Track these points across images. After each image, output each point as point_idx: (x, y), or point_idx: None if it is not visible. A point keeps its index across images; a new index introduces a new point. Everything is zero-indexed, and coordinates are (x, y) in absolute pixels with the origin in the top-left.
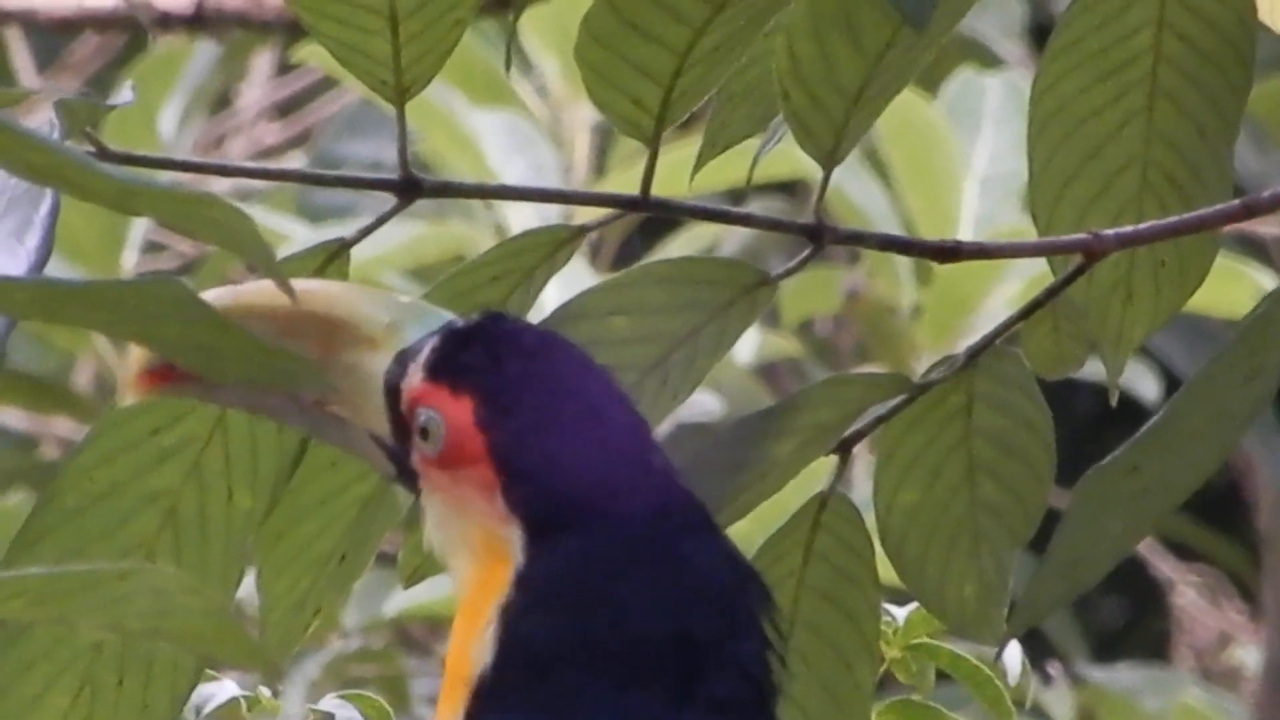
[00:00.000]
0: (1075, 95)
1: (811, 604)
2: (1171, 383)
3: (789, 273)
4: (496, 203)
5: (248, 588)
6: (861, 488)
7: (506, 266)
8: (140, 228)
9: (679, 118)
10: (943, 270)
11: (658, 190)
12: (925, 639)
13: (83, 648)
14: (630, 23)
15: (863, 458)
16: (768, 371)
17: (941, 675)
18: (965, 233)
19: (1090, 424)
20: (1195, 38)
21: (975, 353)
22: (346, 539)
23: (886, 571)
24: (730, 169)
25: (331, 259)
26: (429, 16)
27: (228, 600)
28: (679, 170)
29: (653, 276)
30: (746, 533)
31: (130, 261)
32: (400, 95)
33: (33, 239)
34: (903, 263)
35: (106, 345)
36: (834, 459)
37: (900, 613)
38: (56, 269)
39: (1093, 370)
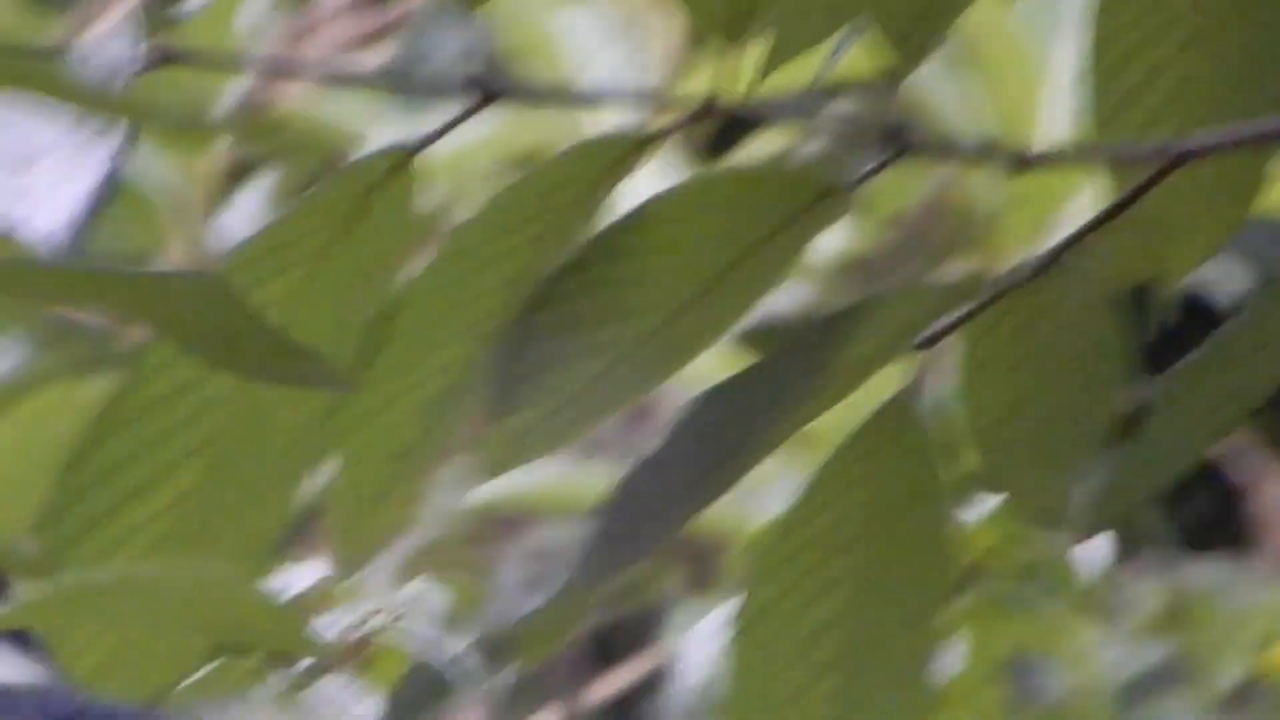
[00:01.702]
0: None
1: (889, 503)
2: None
3: (866, 177)
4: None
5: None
6: (940, 388)
7: (581, 169)
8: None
9: (759, 24)
10: (1029, 172)
11: (734, 91)
12: (1013, 533)
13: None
14: None
15: (943, 358)
16: (857, 266)
17: (1025, 570)
18: (1047, 137)
19: (1178, 324)
20: None
21: (1059, 251)
22: (420, 432)
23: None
24: (805, 69)
25: (395, 170)
26: None
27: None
28: (760, 66)
29: (732, 180)
30: (821, 433)
31: (222, 149)
32: None
33: (83, 180)
34: None
35: (198, 230)
36: (914, 359)
37: (984, 508)
38: (148, 157)
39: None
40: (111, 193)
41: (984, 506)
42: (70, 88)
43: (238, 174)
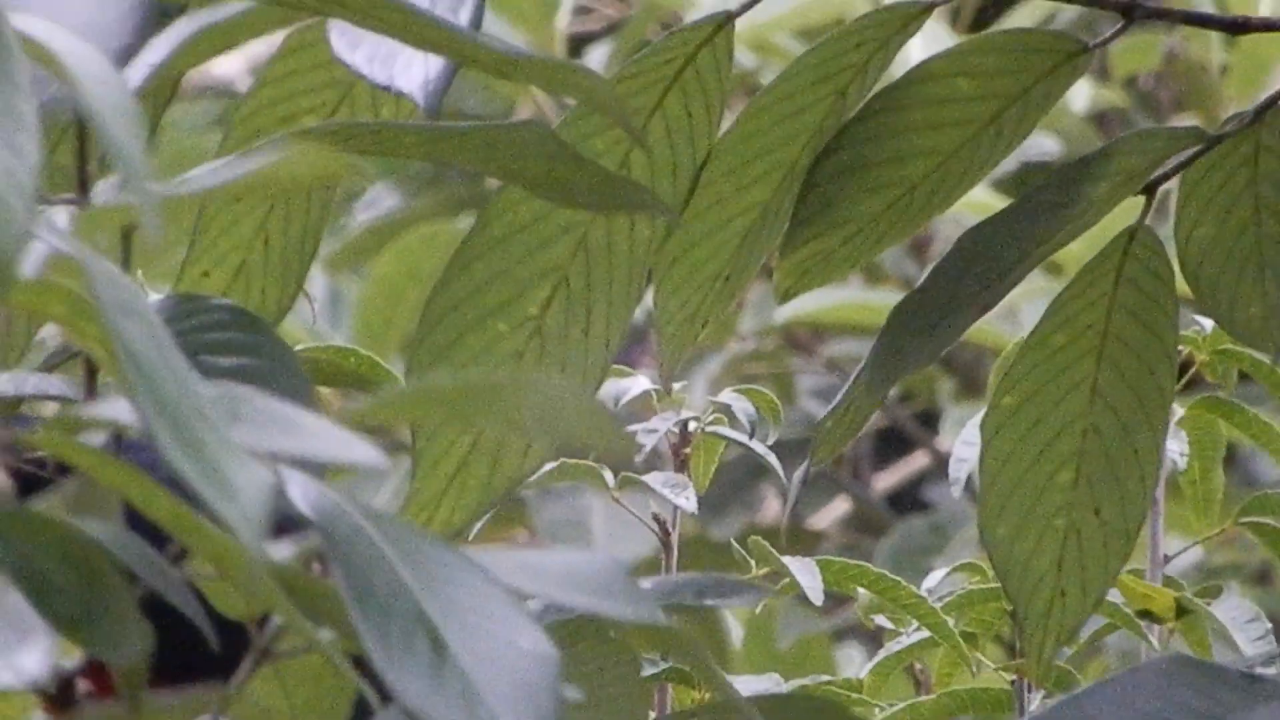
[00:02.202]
0: None
1: (1121, 320)
2: None
3: (1105, 42)
4: None
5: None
6: (1164, 224)
7: (867, 36)
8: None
9: None
10: (1245, 37)
11: None
12: (1228, 345)
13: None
14: None
15: (1167, 198)
16: (1100, 119)
17: (1242, 376)
18: (1263, 9)
19: None
20: None
21: (1262, 109)
22: (732, 261)
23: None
24: None
25: (719, 29)
26: None
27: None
28: None
29: (992, 44)
30: (1065, 261)
31: (563, 23)
32: None
33: (465, 14)
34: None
35: (542, 94)
36: (1142, 199)
37: (1208, 323)
38: (501, 31)
39: None
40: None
41: (1198, 322)
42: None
43: (577, 45)
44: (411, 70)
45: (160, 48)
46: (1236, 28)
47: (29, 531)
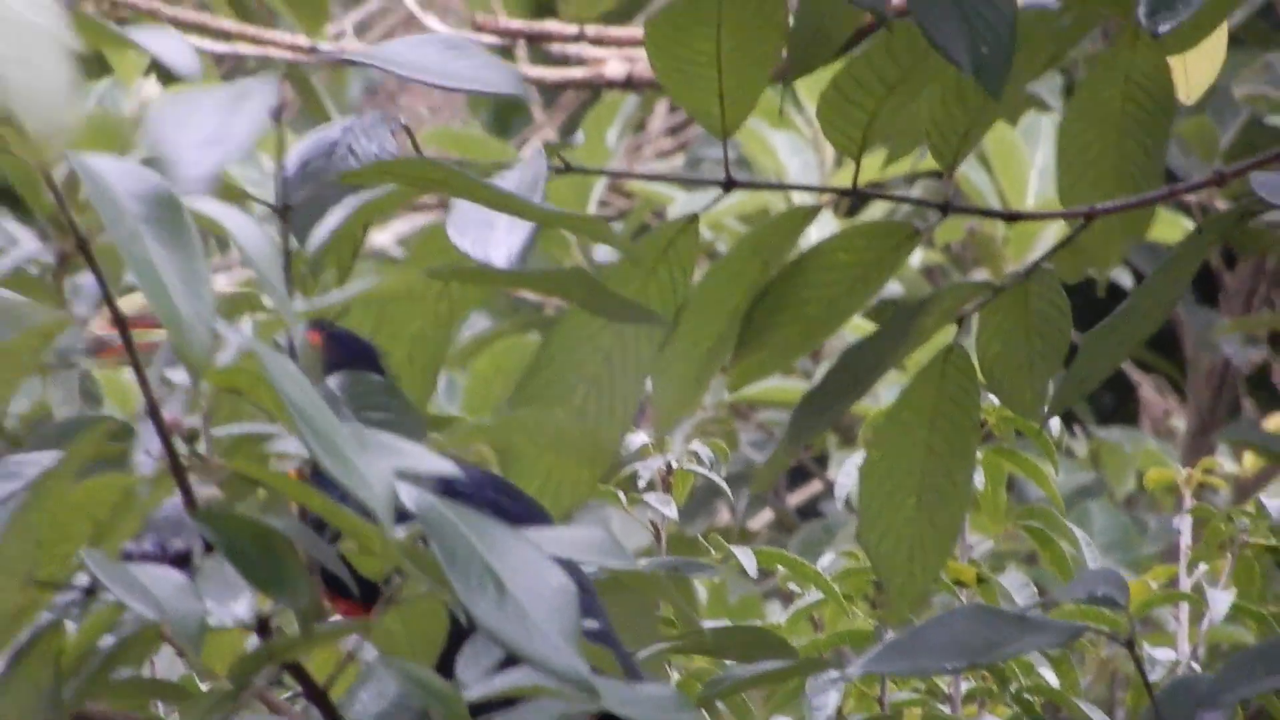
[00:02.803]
0: (1083, 129)
1: (944, 401)
2: (1139, 278)
3: (930, 229)
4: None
5: None
6: (968, 340)
7: (782, 225)
8: (597, 192)
9: (873, 144)
10: (1017, 224)
11: (862, 181)
12: (1008, 415)
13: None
14: (845, 95)
15: (971, 324)
16: (928, 272)
17: (1018, 433)
18: (1029, 205)
19: (1098, 301)
20: (1141, 99)
21: (1029, 270)
22: (701, 367)
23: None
24: (899, 167)
25: (690, 222)
26: (742, 75)
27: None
28: (876, 168)
29: (860, 230)
30: (908, 363)
31: (591, 209)
32: (724, 128)
33: (518, 236)
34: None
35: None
36: (955, 326)
37: (996, 400)
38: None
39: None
40: (539, 233)
41: (990, 400)
42: (471, 185)
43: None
44: (500, 249)
45: (336, 216)
46: (1012, 217)
47: (235, 525)
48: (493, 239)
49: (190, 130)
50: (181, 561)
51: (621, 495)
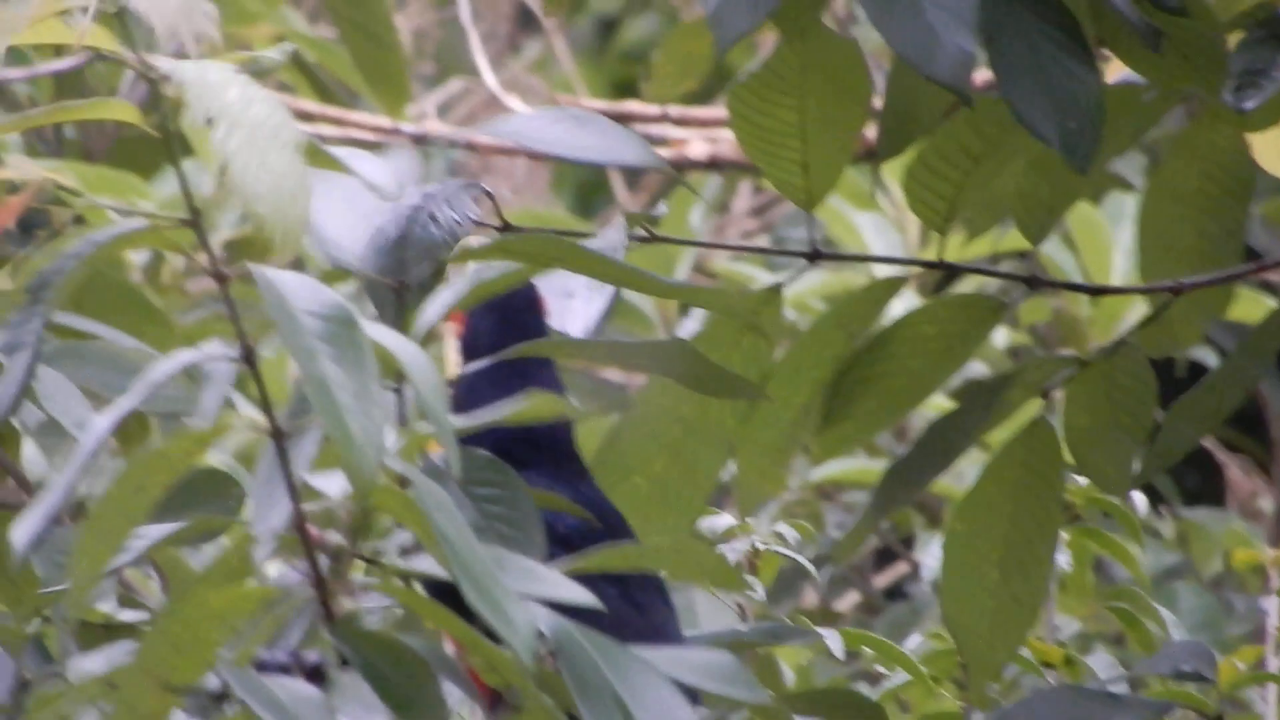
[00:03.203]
0: (1164, 207)
1: (1028, 478)
2: (1222, 355)
3: (1016, 303)
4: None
5: None
6: (1055, 417)
7: (866, 299)
8: (681, 274)
9: (955, 217)
10: (1103, 298)
11: (950, 256)
12: (1095, 494)
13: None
14: (931, 168)
15: (1057, 401)
16: (1012, 351)
17: (1104, 513)
18: (1114, 280)
19: (1178, 380)
20: (1220, 178)
21: (1114, 347)
22: (785, 440)
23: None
24: (983, 247)
25: (773, 294)
26: (826, 146)
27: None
28: (961, 244)
29: (945, 304)
30: (992, 440)
31: (682, 275)
32: (808, 199)
33: (595, 307)
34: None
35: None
36: (1040, 400)
37: (1083, 480)
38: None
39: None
40: (615, 306)
41: (1077, 481)
42: (589, 258)
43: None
44: (576, 319)
45: (450, 293)
46: (1097, 292)
47: (373, 645)
48: (570, 309)
49: (337, 215)
50: (315, 675)
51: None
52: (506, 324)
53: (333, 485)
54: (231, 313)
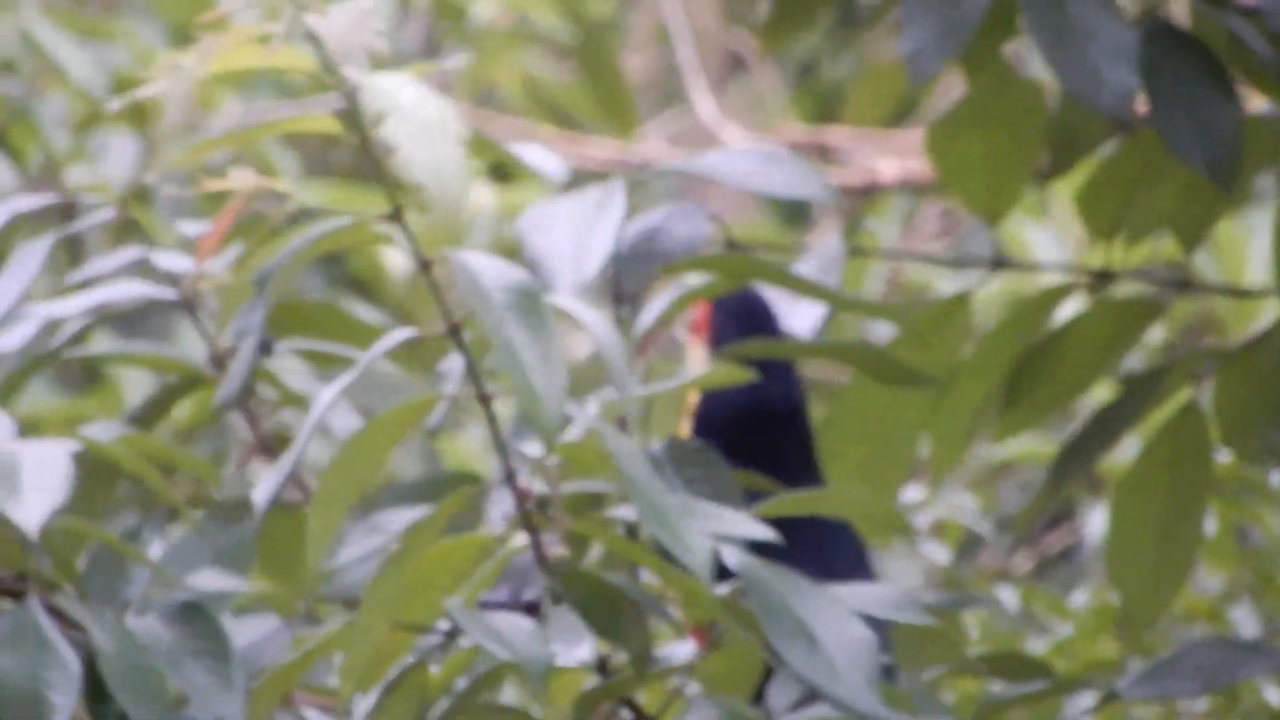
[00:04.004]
0: None
1: (1181, 452)
2: None
3: (1170, 304)
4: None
5: None
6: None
7: (1037, 304)
8: (874, 282)
9: (1123, 231)
10: (1247, 303)
11: (1115, 264)
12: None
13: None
14: (1099, 188)
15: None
16: (1165, 347)
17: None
18: (1249, 283)
19: None
20: None
21: (1257, 338)
22: (970, 423)
23: None
24: (1140, 254)
25: (959, 303)
26: (1009, 171)
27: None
28: (1132, 252)
29: (1109, 303)
30: (1151, 420)
31: (876, 282)
32: (992, 215)
33: (833, 278)
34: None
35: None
36: (1191, 387)
37: (1224, 455)
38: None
39: None
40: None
41: (1224, 454)
42: (785, 275)
43: None
44: (804, 320)
45: (661, 301)
46: (1242, 295)
47: (580, 579)
48: (797, 313)
49: (559, 239)
50: (531, 610)
51: (900, 535)
52: (748, 326)
53: (536, 448)
54: (435, 292)
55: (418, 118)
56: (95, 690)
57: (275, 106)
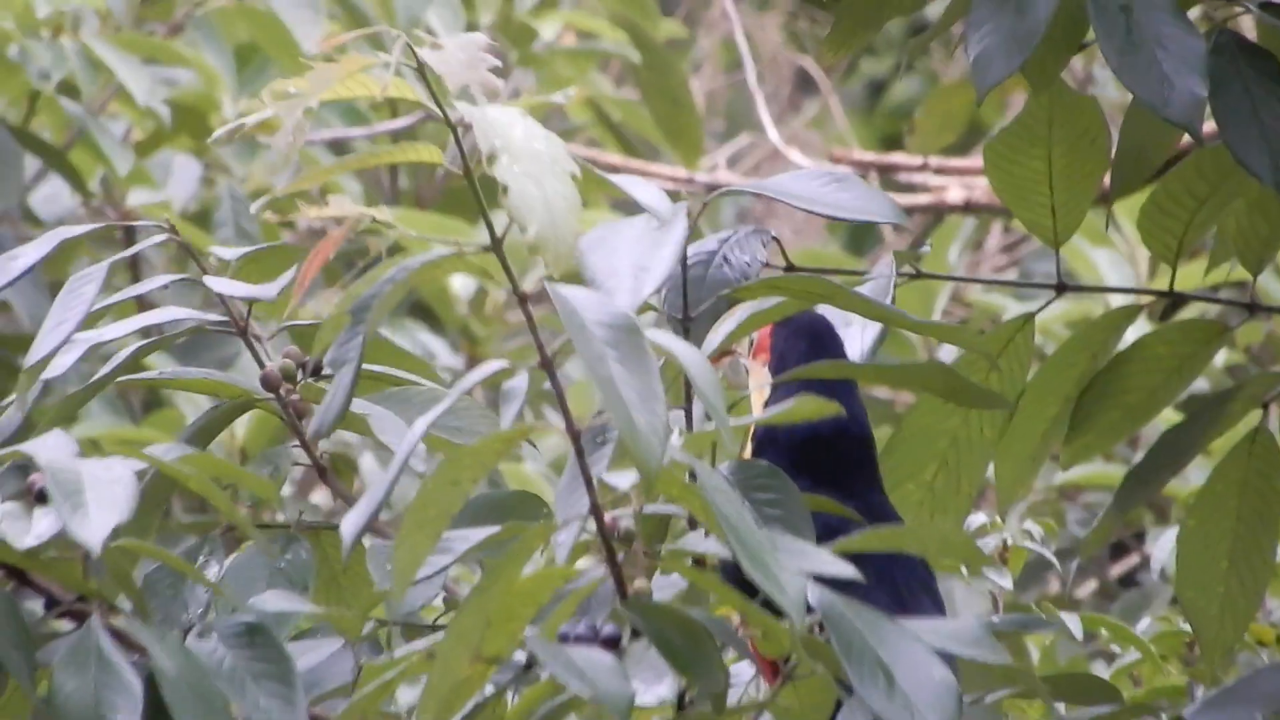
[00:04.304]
0: None
1: (1251, 475)
2: None
3: (1237, 326)
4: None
5: None
6: (1273, 424)
7: (1104, 325)
8: (940, 303)
9: (1186, 252)
10: None
11: (1176, 287)
12: None
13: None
14: (1162, 208)
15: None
16: (1229, 369)
17: None
18: None
19: None
20: None
21: None
22: (1037, 448)
23: None
24: (1213, 276)
25: (1025, 323)
26: (1071, 191)
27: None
28: (1190, 275)
29: (1174, 328)
30: (1214, 448)
31: (935, 316)
32: (1056, 238)
33: (870, 333)
34: None
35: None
36: (1260, 411)
37: None
38: None
39: None
40: (886, 335)
41: None
42: (849, 297)
43: None
44: (854, 344)
45: (729, 323)
46: None
47: (660, 615)
48: (848, 337)
49: (620, 259)
50: (611, 644)
51: (964, 568)
52: (813, 348)
53: (625, 481)
54: (530, 324)
55: (529, 155)
56: (157, 713)
57: (347, 132)
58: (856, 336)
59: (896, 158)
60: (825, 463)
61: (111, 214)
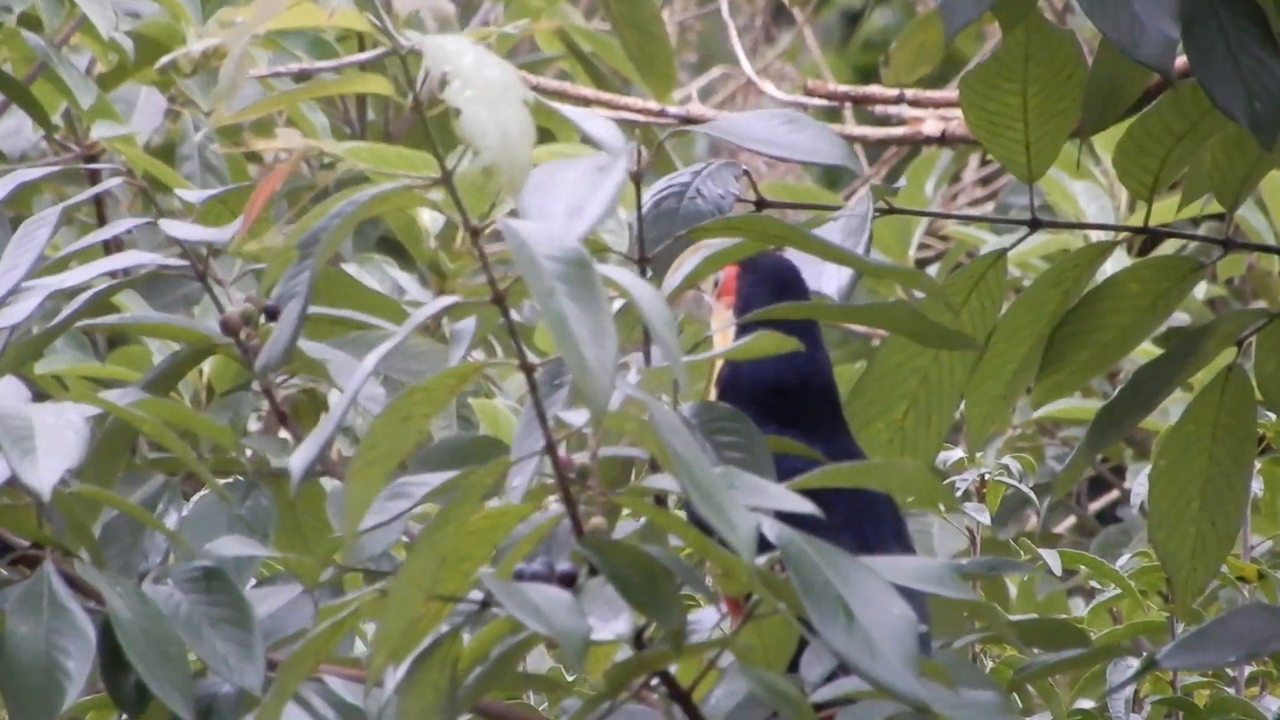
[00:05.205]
0: None
1: (1224, 415)
2: None
3: (1214, 262)
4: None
5: None
6: (1248, 362)
7: (1079, 260)
8: (917, 237)
9: (1162, 188)
10: None
11: (1154, 221)
12: None
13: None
14: (1138, 144)
15: (1249, 348)
16: (1211, 303)
17: None
18: None
19: None
20: None
21: None
22: (1008, 387)
23: None
24: (1184, 211)
25: (998, 258)
26: (1046, 127)
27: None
28: (1168, 210)
29: (1150, 264)
30: (1193, 382)
31: (912, 251)
32: (1030, 174)
33: (848, 273)
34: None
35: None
36: (1235, 349)
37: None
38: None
39: None
40: (858, 278)
41: (1269, 416)
42: (807, 238)
43: (919, 265)
44: (831, 282)
45: (688, 264)
46: None
47: (618, 553)
48: (825, 275)
49: (557, 199)
50: (567, 581)
51: (941, 506)
52: (778, 294)
53: (580, 418)
54: (483, 259)
55: (481, 81)
56: (113, 660)
57: (310, 65)
58: (834, 273)
59: (872, 90)
60: (790, 409)
61: (75, 148)
